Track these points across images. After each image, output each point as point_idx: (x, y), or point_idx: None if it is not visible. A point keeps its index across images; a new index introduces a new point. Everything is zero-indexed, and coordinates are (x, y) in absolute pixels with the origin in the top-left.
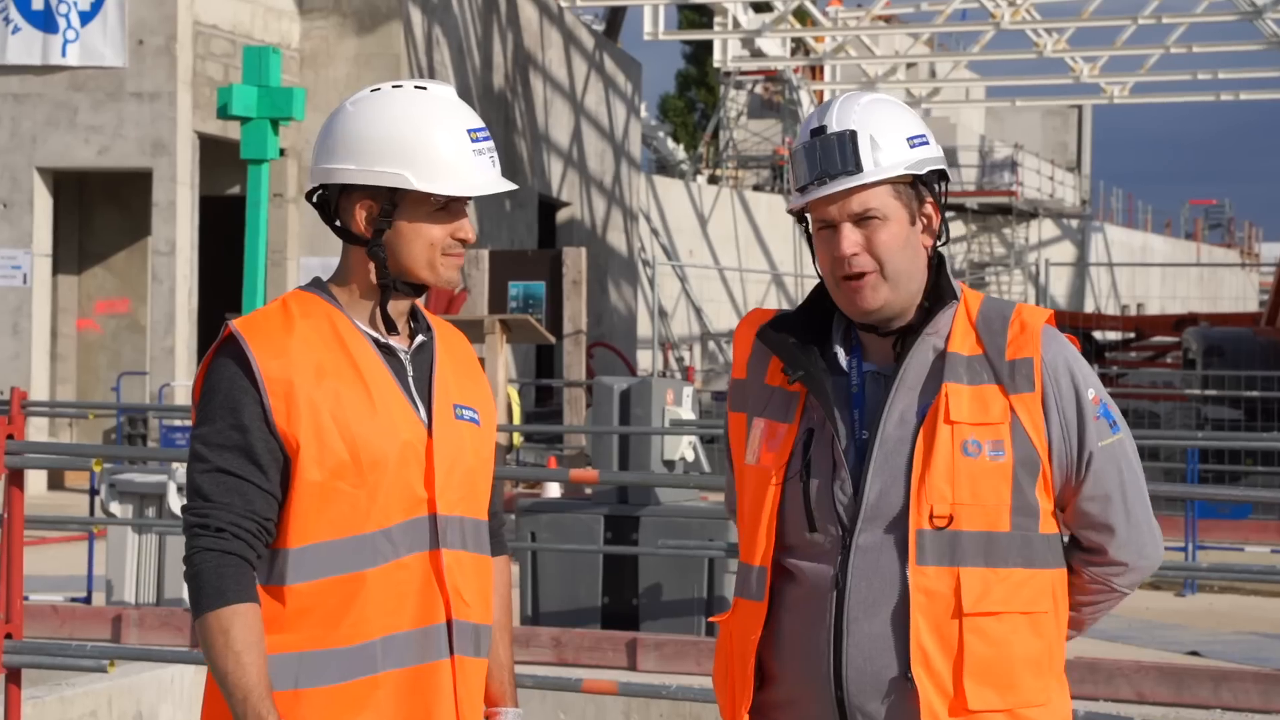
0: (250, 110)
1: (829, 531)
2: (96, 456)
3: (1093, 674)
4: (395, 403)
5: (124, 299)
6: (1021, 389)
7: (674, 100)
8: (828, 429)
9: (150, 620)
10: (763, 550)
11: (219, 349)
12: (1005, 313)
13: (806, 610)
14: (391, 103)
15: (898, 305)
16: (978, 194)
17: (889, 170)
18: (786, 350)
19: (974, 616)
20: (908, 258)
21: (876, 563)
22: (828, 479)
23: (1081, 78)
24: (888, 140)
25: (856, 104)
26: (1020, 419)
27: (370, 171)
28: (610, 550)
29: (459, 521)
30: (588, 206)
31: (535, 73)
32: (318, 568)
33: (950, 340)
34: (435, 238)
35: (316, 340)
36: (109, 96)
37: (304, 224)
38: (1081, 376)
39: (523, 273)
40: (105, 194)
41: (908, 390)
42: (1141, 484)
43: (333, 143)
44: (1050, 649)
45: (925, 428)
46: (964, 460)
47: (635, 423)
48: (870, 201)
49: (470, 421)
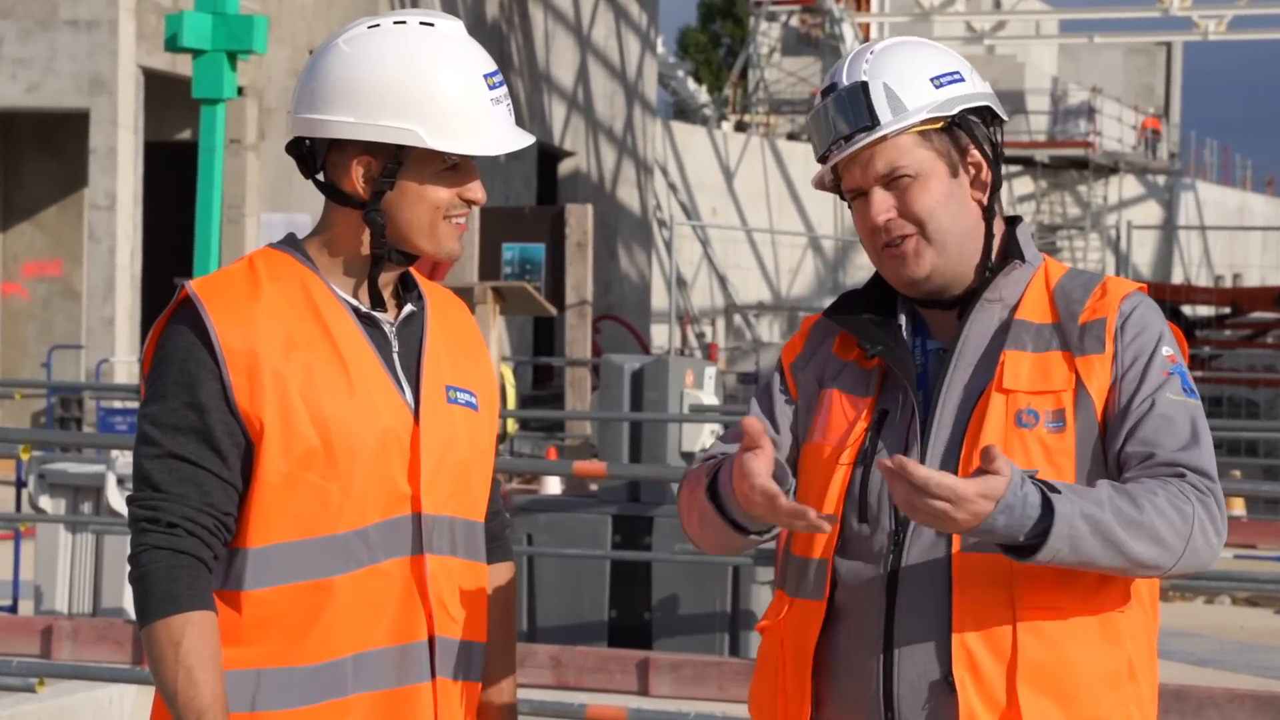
0: (203, 42)
1: (882, 525)
2: (23, 442)
3: (1179, 703)
4: (376, 382)
5: (56, 260)
6: (1090, 350)
7: (696, 34)
8: (906, 409)
9: (86, 633)
10: (826, 539)
11: (173, 315)
12: (1090, 284)
13: (854, 613)
14: (395, 43)
15: (949, 270)
16: (1048, 145)
17: (910, 117)
18: (861, 325)
19: (1030, 614)
20: (952, 214)
21: (931, 561)
22: None
23: (1171, 9)
24: (906, 84)
25: (869, 53)
26: (1085, 385)
27: (373, 126)
28: (619, 556)
29: (448, 522)
30: (595, 157)
31: (535, 1)
32: (281, 571)
33: (1020, 307)
34: (441, 200)
35: (286, 307)
36: (39, 25)
37: (265, 175)
38: (1164, 338)
39: (519, 233)
40: (35, 139)
41: (966, 364)
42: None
43: (324, 88)
44: (1130, 660)
45: (980, 402)
46: (1017, 432)
47: (649, 408)
48: (897, 158)
49: (466, 406)
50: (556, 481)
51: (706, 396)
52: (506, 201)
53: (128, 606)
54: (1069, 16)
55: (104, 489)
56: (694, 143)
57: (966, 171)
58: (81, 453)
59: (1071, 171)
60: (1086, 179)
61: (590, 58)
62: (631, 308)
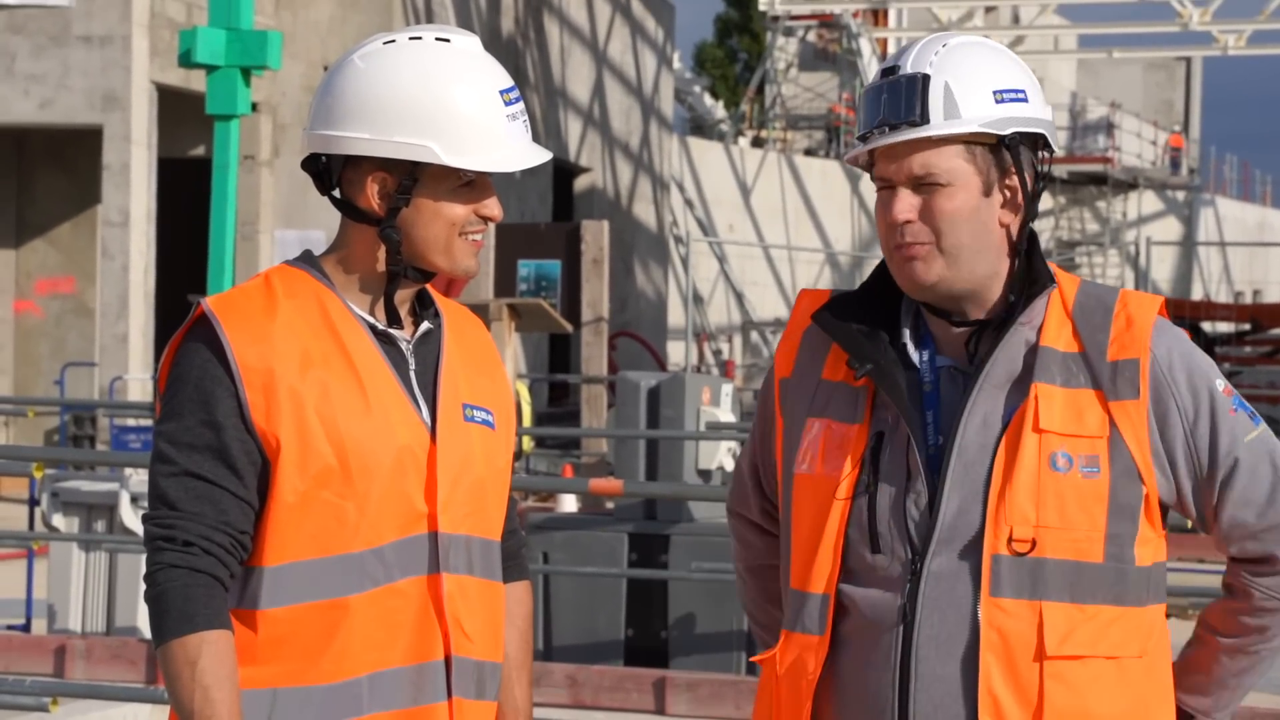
0: (217, 57)
1: (896, 554)
2: (36, 460)
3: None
4: (393, 400)
5: (69, 277)
6: (1124, 395)
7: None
8: (902, 432)
9: (99, 652)
10: (826, 575)
11: (188, 332)
12: (1108, 302)
13: (866, 648)
14: (411, 58)
15: (958, 285)
16: (1067, 161)
17: (960, 126)
18: (851, 339)
19: (1057, 660)
20: (972, 233)
21: (951, 593)
22: (900, 492)
23: (1190, 24)
24: (967, 89)
25: (941, 45)
26: (1121, 431)
27: (389, 142)
28: (635, 574)
29: (465, 541)
30: (611, 173)
31: (550, 16)
32: (297, 591)
33: (1043, 333)
34: (457, 217)
35: (303, 324)
36: (52, 40)
37: (279, 191)
38: (1201, 371)
39: (535, 250)
40: (48, 155)
41: (993, 389)
42: None
43: (339, 104)
44: (1144, 702)
45: (1009, 435)
46: (1051, 476)
47: (665, 426)
48: (933, 162)
49: (483, 424)
50: (572, 499)
51: (723, 414)
52: (522, 218)
53: (141, 625)
54: (1088, 31)
55: (117, 507)
56: (710, 159)
57: (1001, 193)
58: (95, 471)
59: (1090, 187)
60: (1105, 194)
61: (606, 73)
62: (648, 324)
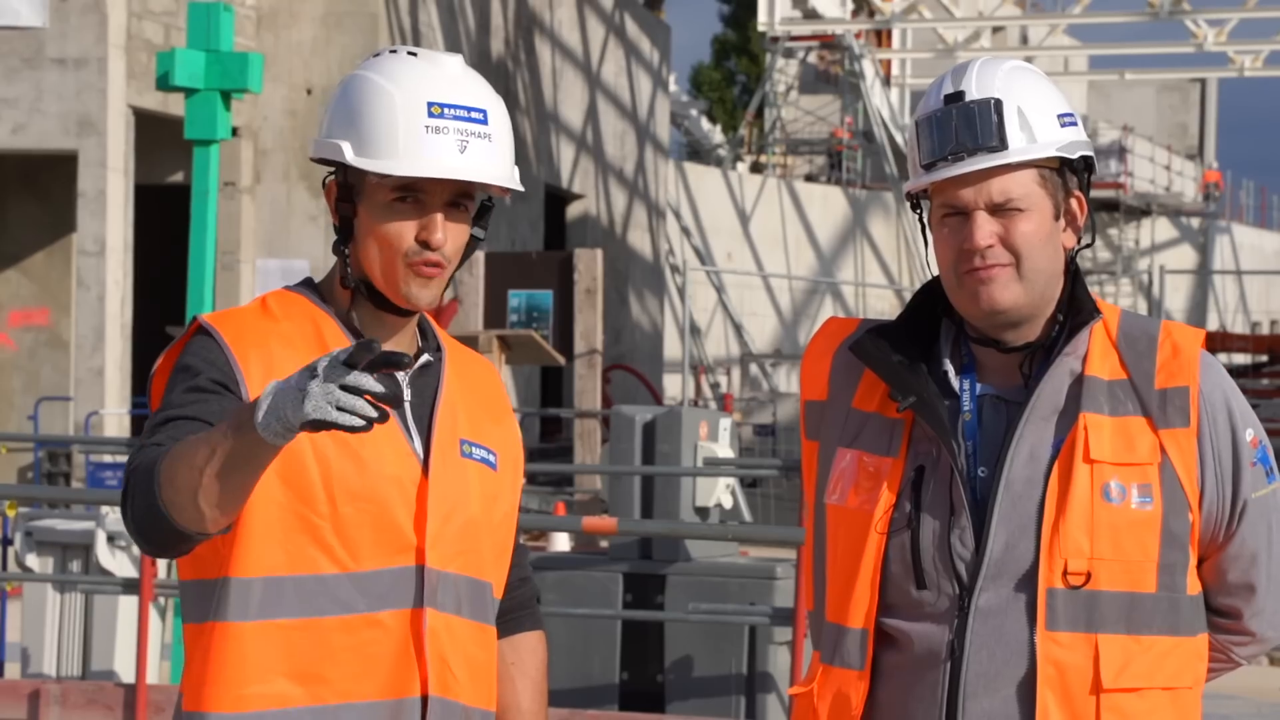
0: (196, 80)
1: (943, 589)
2: (9, 498)
3: None
4: (384, 428)
5: (43, 309)
6: (1174, 423)
7: (709, 71)
8: (945, 465)
9: (75, 696)
10: (865, 609)
11: (185, 344)
12: (1152, 331)
13: (910, 683)
14: (375, 65)
15: (1028, 309)
16: None
17: (1039, 150)
18: (892, 370)
19: (1114, 693)
20: (1048, 256)
21: (1000, 628)
22: (944, 526)
23: (1205, 45)
24: (1038, 115)
25: (1000, 69)
26: (1171, 459)
27: (321, 141)
28: (630, 615)
29: (454, 580)
30: (605, 200)
31: (541, 37)
32: (265, 606)
33: (1088, 362)
34: (391, 235)
35: (300, 342)
36: (24, 63)
37: (260, 219)
38: (1240, 414)
39: (526, 279)
40: (20, 181)
41: (1040, 420)
42: None
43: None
44: None
45: (1060, 466)
46: (1105, 507)
47: (661, 462)
48: (1013, 188)
49: (482, 463)
50: (565, 538)
51: (721, 449)
52: (513, 246)
53: (118, 669)
54: (1099, 52)
55: (93, 547)
56: (708, 184)
57: (1066, 216)
58: (70, 509)
59: (1102, 214)
60: (1118, 221)
61: (600, 96)
62: (643, 357)
